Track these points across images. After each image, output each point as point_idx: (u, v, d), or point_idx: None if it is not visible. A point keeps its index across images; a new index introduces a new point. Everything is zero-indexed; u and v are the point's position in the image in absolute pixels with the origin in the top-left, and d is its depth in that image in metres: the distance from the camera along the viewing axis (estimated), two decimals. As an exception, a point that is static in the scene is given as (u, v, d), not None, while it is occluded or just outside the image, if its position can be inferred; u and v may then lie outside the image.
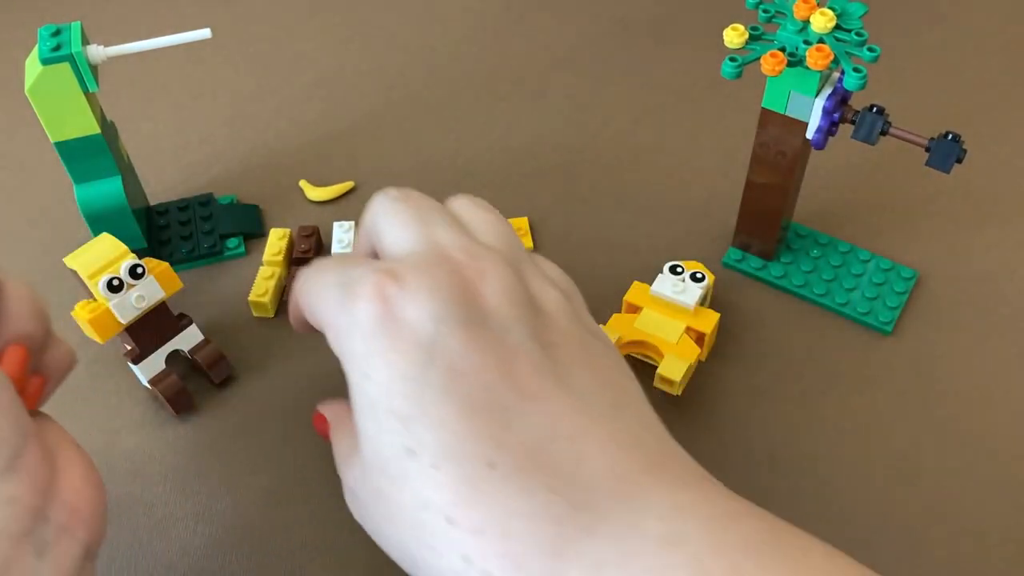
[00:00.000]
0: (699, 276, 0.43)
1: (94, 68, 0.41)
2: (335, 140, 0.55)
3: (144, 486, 0.41)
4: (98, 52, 0.41)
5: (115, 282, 0.39)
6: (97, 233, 0.42)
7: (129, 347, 0.42)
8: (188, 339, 0.43)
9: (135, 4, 0.64)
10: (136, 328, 0.41)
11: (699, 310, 0.43)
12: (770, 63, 0.38)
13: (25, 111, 0.52)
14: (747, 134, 0.45)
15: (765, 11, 0.40)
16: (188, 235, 0.49)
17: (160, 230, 0.49)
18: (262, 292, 0.46)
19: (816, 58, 0.38)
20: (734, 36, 0.39)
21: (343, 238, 0.48)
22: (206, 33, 0.42)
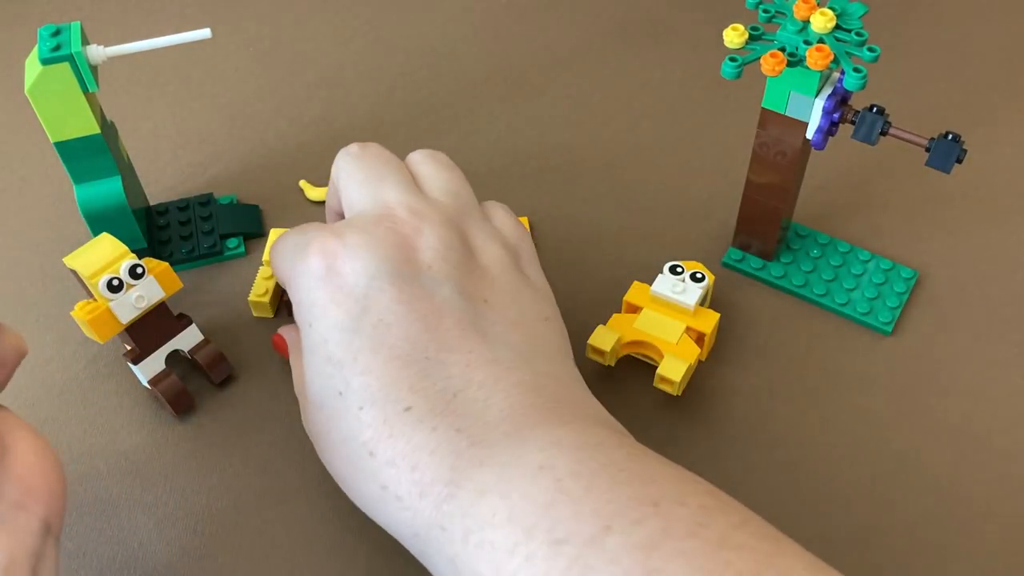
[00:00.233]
0: (699, 276, 0.43)
1: (94, 68, 0.41)
2: (335, 140, 0.55)
3: (144, 486, 0.41)
4: (98, 52, 0.41)
5: (115, 282, 0.39)
6: (97, 233, 0.42)
7: (129, 347, 0.42)
8: (188, 339, 0.43)
9: (135, 4, 0.64)
10: (136, 328, 0.41)
11: (699, 310, 0.43)
12: (770, 63, 0.38)
13: (25, 111, 0.53)
14: (747, 134, 0.45)
15: (765, 11, 0.40)
16: (188, 235, 0.49)
17: (160, 230, 0.49)
18: (262, 292, 0.46)
19: (816, 58, 0.38)
20: (734, 36, 0.39)
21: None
22: (206, 33, 0.42)
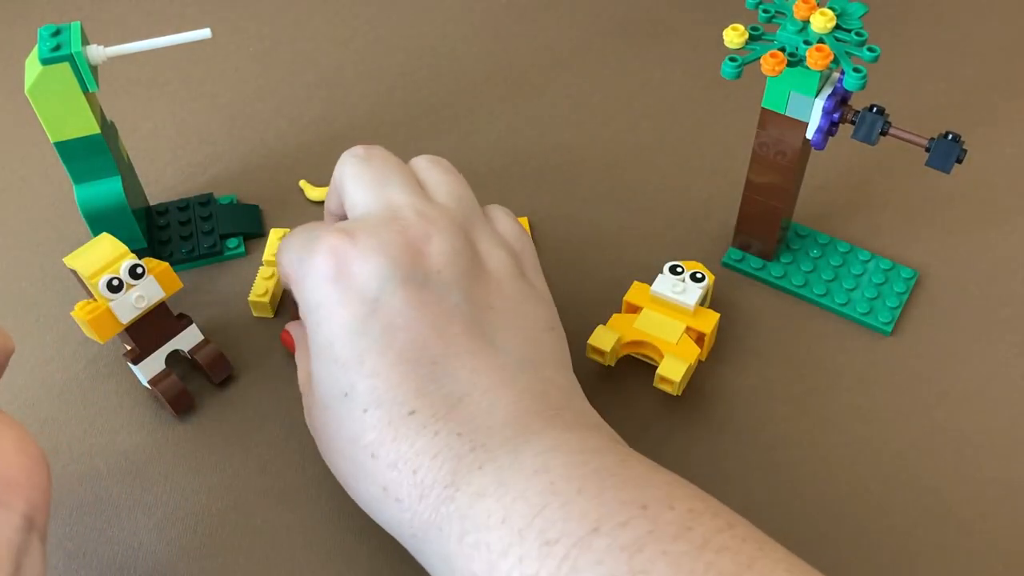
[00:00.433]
0: (699, 276, 0.43)
1: (94, 68, 0.41)
2: (335, 140, 0.55)
3: (144, 486, 0.41)
4: (98, 52, 0.41)
5: (115, 282, 0.39)
6: (97, 233, 0.42)
7: (129, 347, 0.42)
8: (188, 339, 0.43)
9: (135, 4, 0.64)
10: (136, 328, 0.41)
11: (699, 310, 0.43)
12: (770, 63, 0.38)
13: (25, 111, 0.52)
14: (747, 134, 0.45)
15: (765, 11, 0.40)
16: (188, 235, 0.49)
17: (160, 230, 0.49)
18: (262, 292, 0.46)
19: (816, 58, 0.38)
20: (734, 36, 0.39)
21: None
22: (206, 33, 0.42)
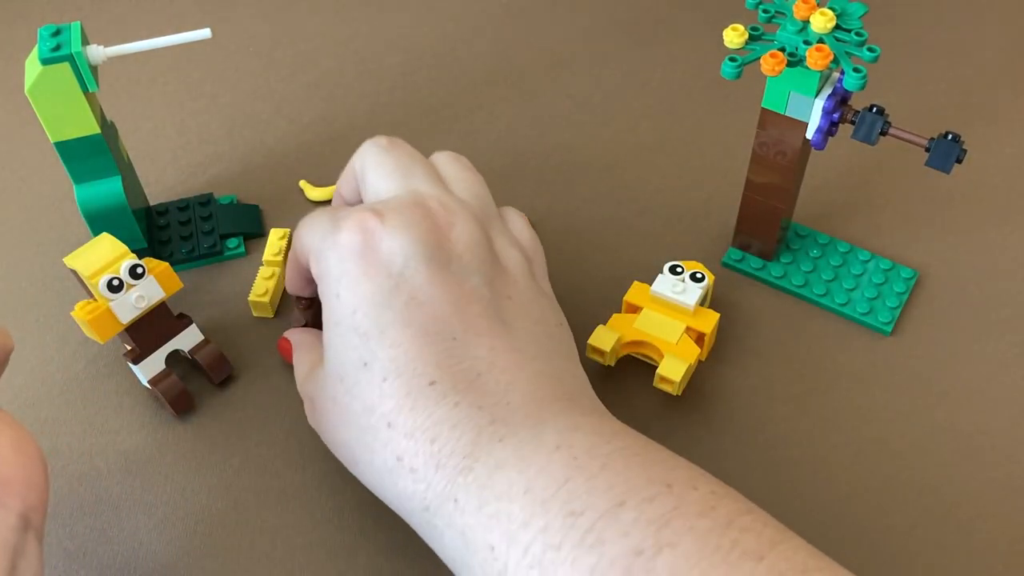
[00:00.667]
0: (699, 276, 0.43)
1: (94, 68, 0.41)
2: (335, 140, 0.55)
3: (144, 486, 0.41)
4: (98, 52, 0.41)
5: (115, 282, 0.39)
6: (97, 233, 0.42)
7: (129, 347, 0.42)
8: (188, 339, 0.43)
9: (135, 4, 0.64)
10: (136, 328, 0.41)
11: (699, 310, 0.43)
12: (770, 63, 0.38)
13: (25, 111, 0.52)
14: (747, 134, 0.45)
15: (765, 11, 0.40)
16: (188, 235, 0.49)
17: (160, 230, 0.49)
18: (262, 292, 0.46)
19: (816, 58, 0.38)
20: (734, 36, 0.39)
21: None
22: (206, 33, 0.42)
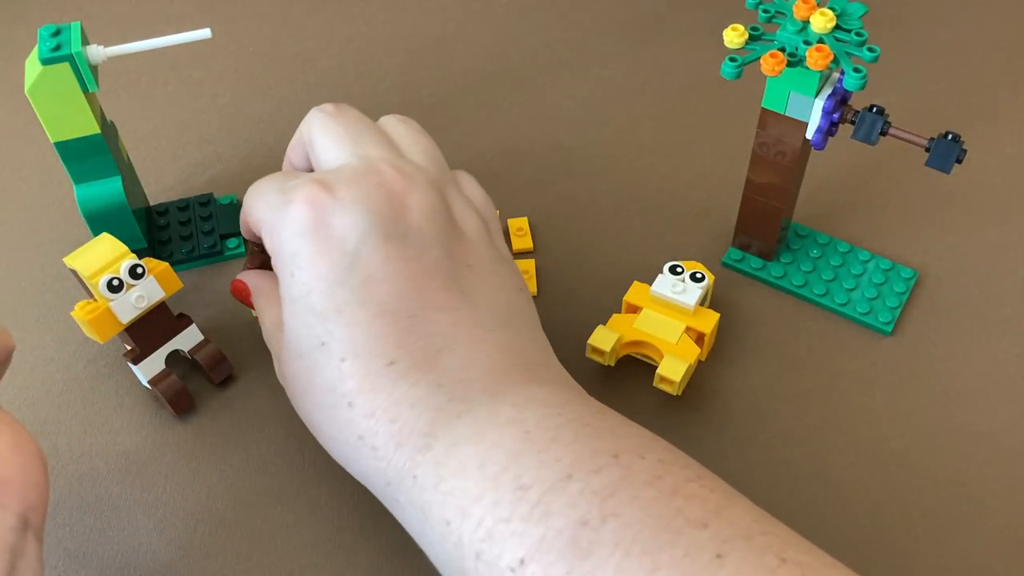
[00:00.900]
0: (699, 276, 0.43)
1: (94, 68, 0.41)
2: (335, 140, 0.55)
3: (144, 486, 0.41)
4: (98, 52, 0.41)
5: (115, 282, 0.39)
6: (97, 233, 0.42)
7: (129, 347, 0.42)
8: (188, 339, 0.43)
9: (135, 4, 0.64)
10: (136, 328, 0.41)
11: (699, 310, 0.43)
12: (770, 63, 0.38)
13: (25, 111, 0.52)
14: (747, 134, 0.45)
15: (765, 11, 0.40)
16: (188, 235, 0.49)
17: (160, 230, 0.49)
18: (262, 292, 0.46)
19: (816, 58, 0.38)
20: (734, 36, 0.39)
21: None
22: (206, 33, 0.42)
